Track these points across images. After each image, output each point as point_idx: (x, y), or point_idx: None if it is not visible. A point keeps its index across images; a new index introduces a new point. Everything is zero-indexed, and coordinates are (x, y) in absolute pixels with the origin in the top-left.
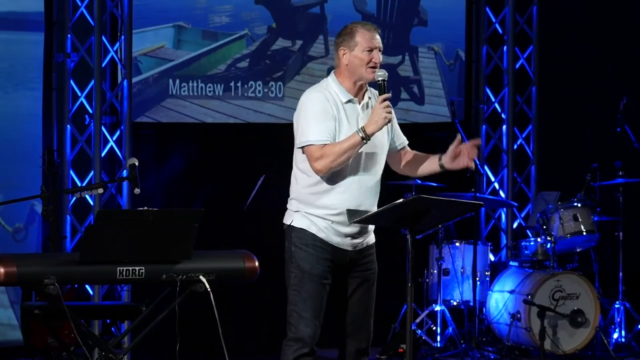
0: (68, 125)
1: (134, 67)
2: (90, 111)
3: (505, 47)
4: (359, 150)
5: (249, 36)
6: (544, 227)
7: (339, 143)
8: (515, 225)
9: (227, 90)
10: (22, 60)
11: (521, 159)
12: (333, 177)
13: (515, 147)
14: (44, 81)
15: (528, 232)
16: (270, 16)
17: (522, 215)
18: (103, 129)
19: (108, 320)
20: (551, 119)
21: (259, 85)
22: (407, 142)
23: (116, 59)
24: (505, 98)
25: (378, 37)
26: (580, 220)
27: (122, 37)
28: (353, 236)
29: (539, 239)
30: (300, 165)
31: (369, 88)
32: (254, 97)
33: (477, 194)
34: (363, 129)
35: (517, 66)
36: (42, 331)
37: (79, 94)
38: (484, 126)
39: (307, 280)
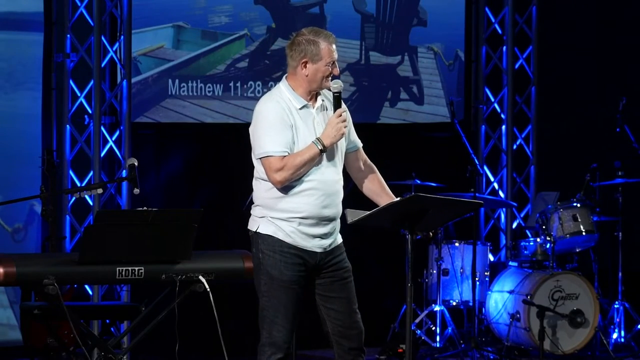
0: (67, 126)
1: (133, 67)
2: (90, 111)
3: (504, 47)
4: (330, 156)
5: (248, 36)
6: (544, 227)
7: (299, 155)
8: (514, 225)
9: (226, 90)
10: (22, 61)
11: (520, 159)
12: (300, 181)
13: (514, 147)
14: (44, 81)
15: (527, 232)
16: (270, 16)
17: (522, 215)
18: (102, 129)
19: (107, 321)
20: (550, 119)
21: (259, 85)
22: (361, 144)
23: (115, 59)
24: (504, 98)
25: (335, 47)
26: (579, 220)
27: (122, 37)
28: (321, 237)
29: (538, 239)
30: (262, 174)
31: (320, 92)
32: (253, 97)
33: (477, 194)
34: (321, 142)
35: (517, 66)
36: (41, 331)
37: (79, 94)
38: (483, 126)
39: (277, 287)
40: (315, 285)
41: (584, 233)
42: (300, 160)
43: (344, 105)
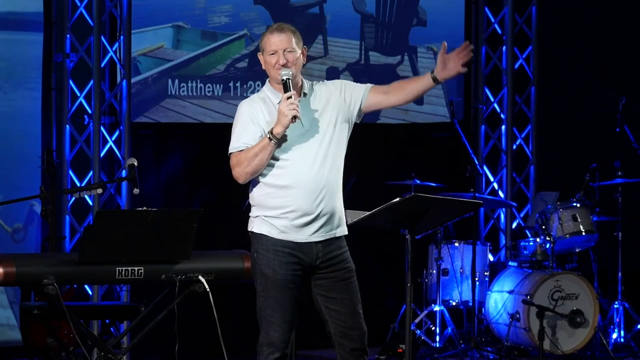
0: (67, 126)
1: (133, 67)
2: (89, 111)
3: (504, 47)
4: (315, 148)
5: (248, 36)
6: (543, 227)
7: (251, 148)
8: (514, 225)
9: (226, 90)
10: (21, 61)
11: (520, 159)
12: (283, 176)
13: (514, 147)
14: (43, 81)
15: (527, 232)
16: (270, 16)
17: (521, 215)
18: (102, 129)
19: (107, 321)
20: (550, 119)
21: (258, 85)
22: (370, 85)
23: (115, 59)
24: (504, 98)
25: (283, 36)
26: (579, 220)
27: (121, 37)
28: (315, 225)
29: (538, 239)
30: None
31: (304, 82)
32: None
33: (476, 194)
34: (270, 131)
35: (516, 66)
36: (41, 331)
37: (78, 94)
38: (483, 126)
39: (271, 286)
40: (317, 285)
41: (583, 233)
42: (251, 152)
43: (334, 102)
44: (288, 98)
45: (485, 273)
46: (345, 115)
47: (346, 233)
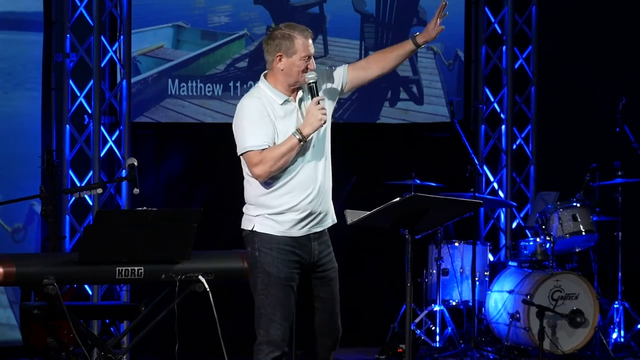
0: (67, 125)
1: (133, 67)
2: (90, 111)
3: (504, 47)
4: (311, 146)
5: (248, 36)
6: (543, 227)
7: (277, 147)
8: (514, 225)
9: (226, 90)
10: (21, 60)
11: (520, 159)
12: (285, 176)
13: (514, 147)
14: (43, 81)
15: (527, 232)
16: (270, 16)
17: (521, 215)
18: (102, 129)
19: (107, 320)
20: (550, 119)
21: None
22: (345, 65)
23: (115, 59)
24: (504, 98)
25: (312, 41)
26: (579, 220)
27: (121, 37)
28: (315, 220)
29: (538, 239)
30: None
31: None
32: None
33: (476, 194)
34: (300, 132)
35: (516, 66)
36: (41, 331)
37: (78, 94)
38: (483, 126)
39: (274, 284)
40: (306, 284)
41: (583, 233)
42: (278, 152)
43: (322, 94)
44: (318, 102)
45: (485, 273)
46: (330, 103)
47: (335, 222)
